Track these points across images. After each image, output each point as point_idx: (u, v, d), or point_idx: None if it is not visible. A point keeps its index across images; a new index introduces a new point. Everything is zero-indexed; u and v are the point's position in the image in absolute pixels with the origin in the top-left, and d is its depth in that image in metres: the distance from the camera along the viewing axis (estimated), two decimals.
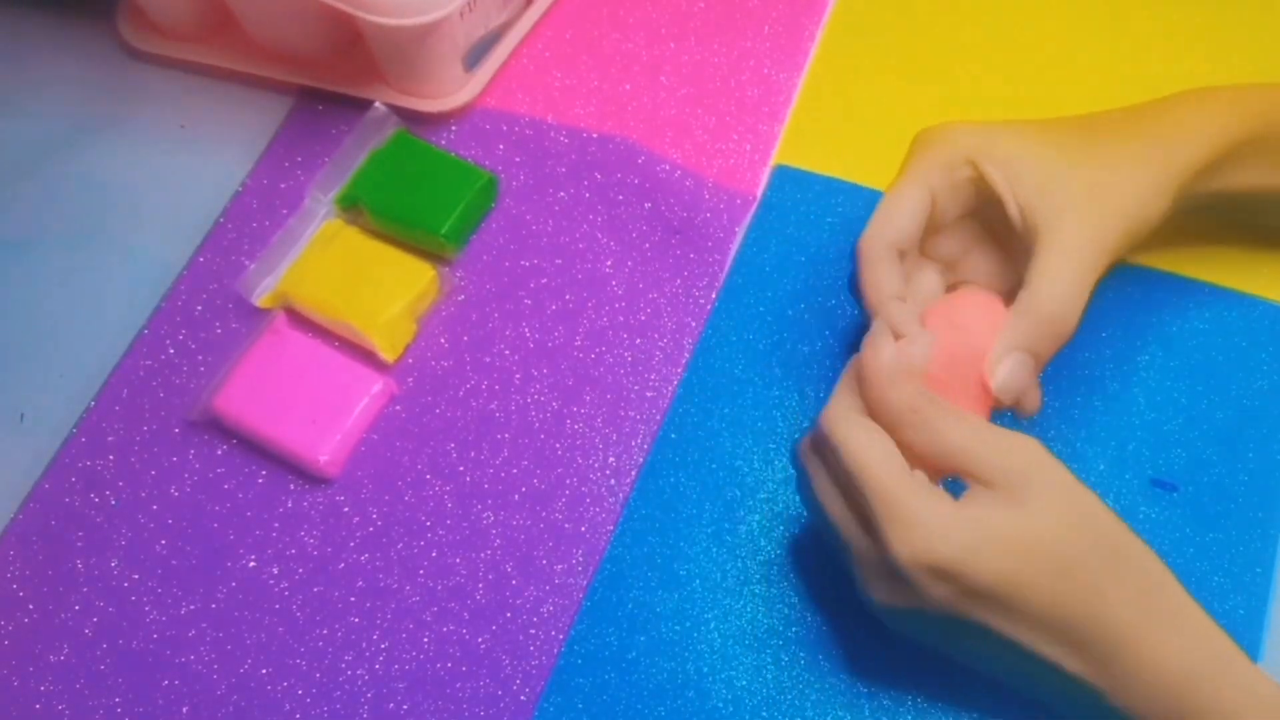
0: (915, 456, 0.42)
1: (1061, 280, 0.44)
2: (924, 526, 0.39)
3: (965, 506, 0.40)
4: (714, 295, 0.55)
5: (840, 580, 0.48)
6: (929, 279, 0.48)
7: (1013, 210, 0.46)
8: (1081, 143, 0.46)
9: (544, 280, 0.56)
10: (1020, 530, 0.39)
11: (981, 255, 0.49)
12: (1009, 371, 0.44)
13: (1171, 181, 0.46)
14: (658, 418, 0.53)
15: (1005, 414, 0.47)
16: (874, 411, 0.42)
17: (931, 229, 0.48)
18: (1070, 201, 0.45)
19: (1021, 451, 0.41)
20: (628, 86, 0.61)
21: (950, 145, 0.47)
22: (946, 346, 0.44)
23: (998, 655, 0.41)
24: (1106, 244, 0.45)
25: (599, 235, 0.57)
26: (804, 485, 0.45)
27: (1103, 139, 0.47)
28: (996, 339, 0.44)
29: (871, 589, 0.42)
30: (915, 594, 0.40)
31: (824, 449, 0.43)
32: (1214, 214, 0.50)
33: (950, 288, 0.49)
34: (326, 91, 0.61)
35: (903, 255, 0.47)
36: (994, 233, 0.49)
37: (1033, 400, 0.46)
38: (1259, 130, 0.47)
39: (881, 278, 0.46)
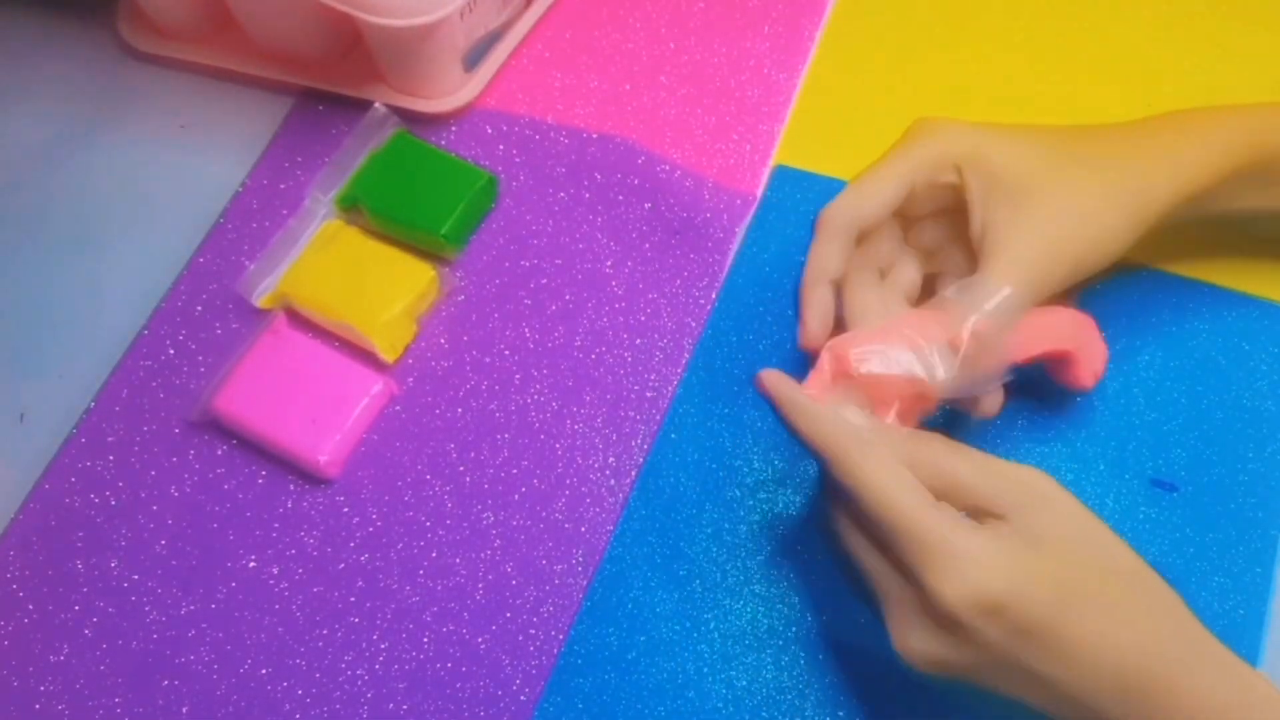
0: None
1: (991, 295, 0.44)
2: (970, 561, 0.37)
3: (1002, 536, 0.38)
4: (714, 295, 0.55)
5: (840, 580, 0.48)
6: (908, 269, 0.48)
7: (975, 228, 0.46)
8: (1066, 161, 0.46)
9: (544, 280, 0.56)
10: (1050, 560, 0.38)
11: (961, 249, 0.48)
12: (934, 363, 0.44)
13: (1146, 216, 0.46)
14: (658, 418, 0.53)
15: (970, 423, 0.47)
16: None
17: (908, 219, 0.48)
18: (1027, 231, 0.45)
19: (1029, 487, 0.40)
20: (628, 86, 0.61)
21: (942, 145, 0.47)
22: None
23: (1030, 697, 0.39)
24: (1045, 279, 0.45)
25: (599, 235, 0.57)
26: (830, 538, 0.43)
27: (1087, 161, 0.46)
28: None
29: (911, 639, 0.40)
30: (962, 638, 0.38)
31: (842, 496, 0.41)
32: (1209, 220, 0.50)
33: (928, 279, 0.49)
34: (326, 91, 0.61)
35: (860, 237, 0.47)
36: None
37: (990, 404, 0.46)
38: (1255, 156, 0.47)
39: (829, 256, 0.46)
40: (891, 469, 0.40)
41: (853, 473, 0.40)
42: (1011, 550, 0.38)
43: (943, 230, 0.49)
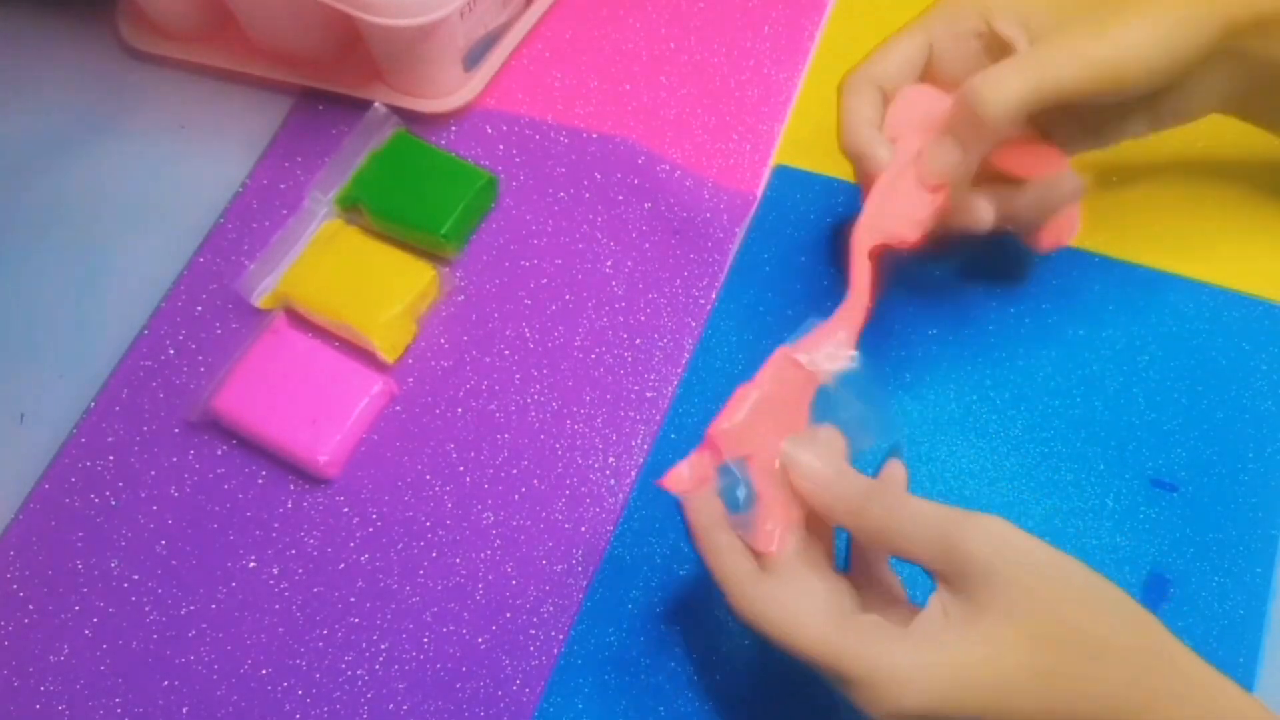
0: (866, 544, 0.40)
1: (1011, 70, 0.42)
2: (883, 684, 0.36)
3: (920, 643, 0.36)
4: (714, 295, 0.55)
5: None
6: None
7: (1021, 46, 0.44)
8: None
9: (544, 280, 0.56)
10: (985, 651, 0.36)
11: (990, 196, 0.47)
12: (936, 159, 0.43)
13: (1211, 21, 0.43)
14: (658, 418, 0.53)
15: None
16: (829, 503, 0.40)
17: (936, 82, 0.47)
18: (1074, 27, 0.43)
19: (977, 541, 0.37)
20: (628, 86, 0.61)
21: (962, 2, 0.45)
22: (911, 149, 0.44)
23: None
24: (1086, 73, 0.42)
25: (599, 235, 0.57)
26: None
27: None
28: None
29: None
30: None
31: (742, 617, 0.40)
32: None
33: None
34: (326, 91, 0.61)
35: (887, 96, 0.46)
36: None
37: (974, 213, 0.46)
38: None
39: (858, 107, 0.45)
40: (787, 599, 0.38)
41: (748, 610, 0.39)
42: (936, 658, 0.36)
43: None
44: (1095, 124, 0.49)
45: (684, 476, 0.42)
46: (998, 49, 0.45)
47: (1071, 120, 0.48)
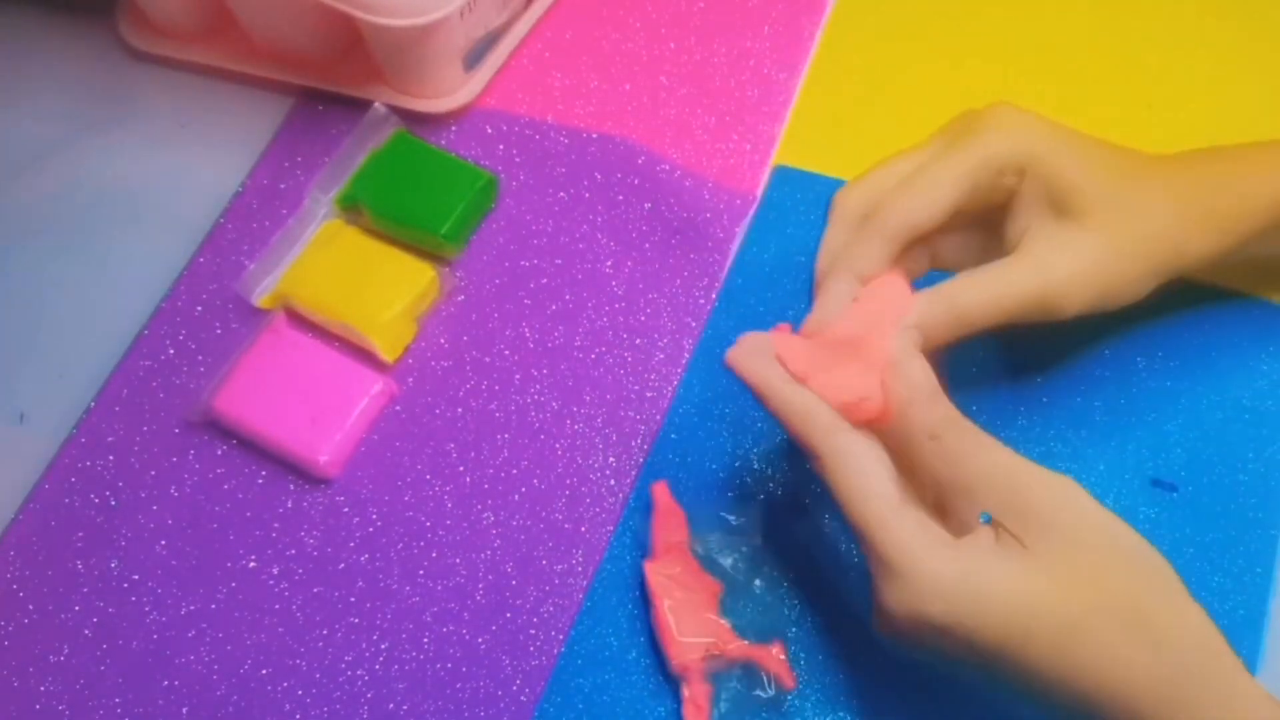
0: (927, 483, 0.40)
1: (988, 287, 0.43)
2: (915, 580, 0.37)
3: (963, 556, 0.37)
4: (714, 295, 0.55)
5: (840, 580, 0.48)
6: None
7: (1015, 231, 0.44)
8: (1138, 174, 0.44)
9: (544, 280, 0.56)
10: (1022, 585, 0.37)
11: (962, 237, 0.47)
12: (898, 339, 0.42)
13: (1225, 236, 0.45)
14: (658, 418, 0.53)
15: None
16: (893, 428, 0.40)
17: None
18: (1075, 242, 0.43)
19: (1048, 491, 0.38)
20: (628, 86, 0.61)
21: (1014, 143, 0.43)
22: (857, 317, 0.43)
23: (1015, 695, 0.39)
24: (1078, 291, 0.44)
25: (599, 235, 0.57)
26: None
27: (1159, 177, 0.45)
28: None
29: (876, 625, 0.40)
30: (911, 641, 0.38)
31: (814, 464, 0.40)
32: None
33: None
34: (326, 91, 0.61)
35: (909, 245, 0.44)
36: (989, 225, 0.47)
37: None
38: None
39: (866, 258, 0.44)
40: (856, 463, 0.39)
41: (819, 461, 0.39)
42: (972, 573, 0.37)
43: (960, 244, 0.48)
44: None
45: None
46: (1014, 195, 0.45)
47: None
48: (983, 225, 0.47)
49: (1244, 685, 0.37)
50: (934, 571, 0.37)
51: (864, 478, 0.39)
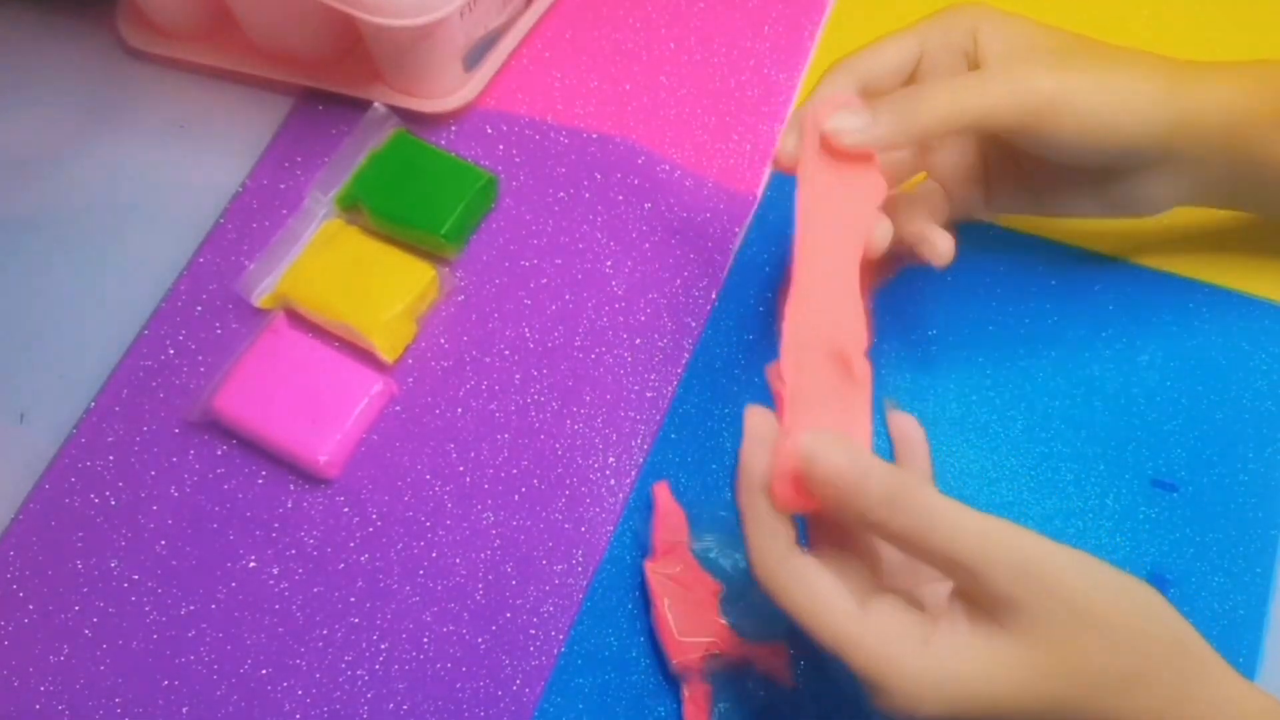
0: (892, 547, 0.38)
1: (957, 81, 0.43)
2: (899, 690, 0.35)
3: (940, 653, 0.36)
4: (714, 295, 0.55)
5: None
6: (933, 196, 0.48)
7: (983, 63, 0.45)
8: (1096, 47, 0.45)
9: (544, 280, 0.56)
10: (1004, 673, 0.35)
11: (979, 187, 0.49)
12: (844, 119, 0.42)
13: (1185, 111, 0.44)
14: (658, 418, 0.53)
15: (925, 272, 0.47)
16: (839, 512, 0.37)
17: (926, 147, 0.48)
18: (1037, 56, 0.44)
19: (1010, 567, 0.35)
20: (628, 86, 0.61)
21: (963, 10, 0.46)
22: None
23: None
24: (1033, 93, 0.43)
25: (599, 235, 0.57)
26: None
27: (1120, 52, 0.46)
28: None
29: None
30: None
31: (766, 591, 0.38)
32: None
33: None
34: (326, 91, 0.61)
35: (865, 92, 0.45)
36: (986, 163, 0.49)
37: (935, 246, 0.46)
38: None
39: (835, 89, 0.45)
40: (810, 585, 0.37)
41: (778, 599, 0.38)
42: (953, 667, 0.35)
43: (963, 162, 0.49)
44: (1037, 186, 0.49)
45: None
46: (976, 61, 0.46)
47: (1010, 171, 0.49)
48: (979, 155, 0.49)
49: (1244, 700, 0.36)
50: (914, 679, 0.36)
51: (816, 598, 0.37)
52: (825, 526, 0.40)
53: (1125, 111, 0.44)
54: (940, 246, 0.47)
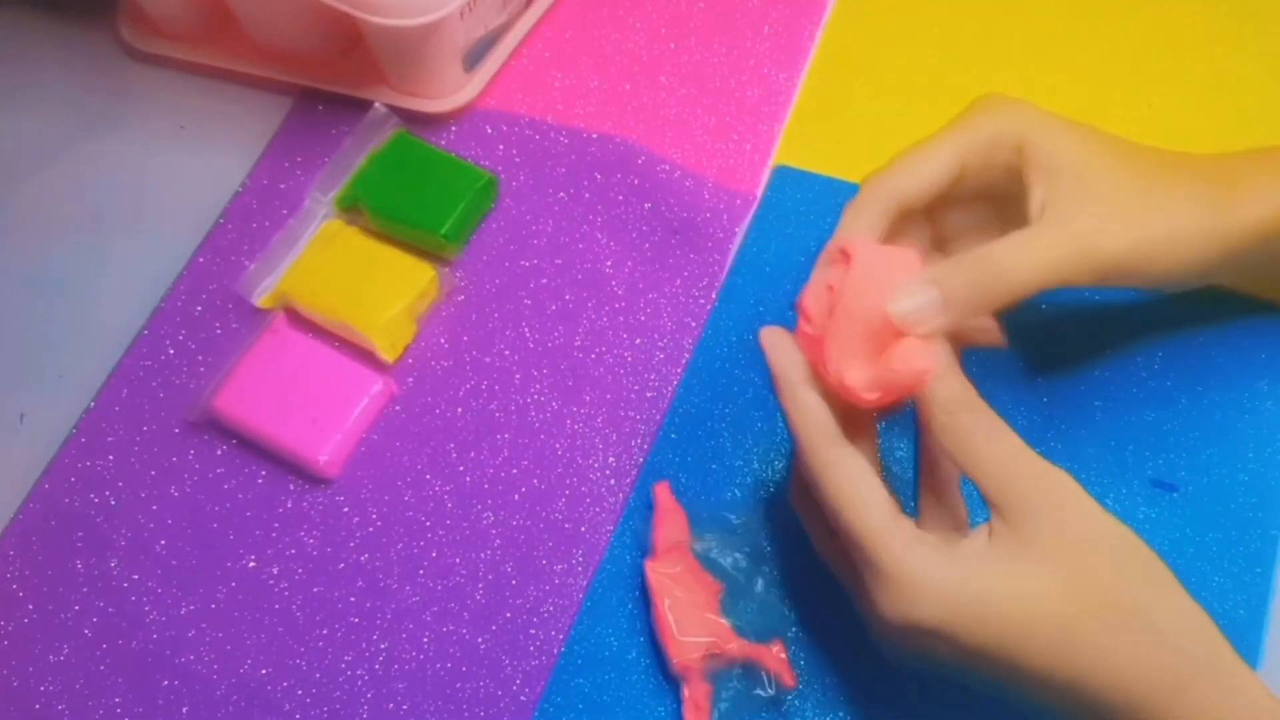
0: (930, 458, 0.40)
1: (1024, 249, 0.41)
2: (908, 585, 0.37)
3: (958, 561, 0.37)
4: (714, 295, 0.55)
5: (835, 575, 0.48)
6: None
7: (1034, 205, 0.43)
8: (1145, 168, 0.43)
9: (544, 280, 0.56)
10: (1017, 587, 0.37)
11: (969, 216, 0.47)
12: (911, 297, 0.40)
13: (1230, 241, 0.43)
14: (658, 418, 0.53)
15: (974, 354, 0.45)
16: (930, 395, 0.39)
17: (944, 201, 0.45)
18: (1096, 207, 0.42)
19: (1045, 485, 0.38)
20: (628, 86, 0.61)
21: (1005, 122, 0.43)
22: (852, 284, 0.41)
23: (1014, 697, 0.39)
24: (1103, 257, 0.42)
25: (599, 235, 0.57)
26: (803, 519, 0.44)
27: (1169, 174, 0.44)
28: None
29: (873, 633, 0.40)
30: (907, 647, 0.39)
31: (808, 482, 0.40)
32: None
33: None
34: (326, 91, 0.61)
35: (899, 216, 0.44)
36: (1001, 217, 0.46)
37: (991, 333, 0.44)
38: None
39: (857, 225, 0.43)
40: (854, 474, 0.39)
41: (818, 470, 0.39)
42: (965, 577, 0.37)
43: (967, 219, 0.47)
44: None
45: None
46: (1017, 175, 0.43)
47: None
48: (991, 208, 0.47)
49: (1243, 676, 0.37)
50: (929, 577, 0.37)
51: (859, 488, 0.39)
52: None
53: (1176, 259, 0.44)
54: (997, 329, 0.46)
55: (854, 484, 0.39)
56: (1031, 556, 0.37)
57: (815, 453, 0.40)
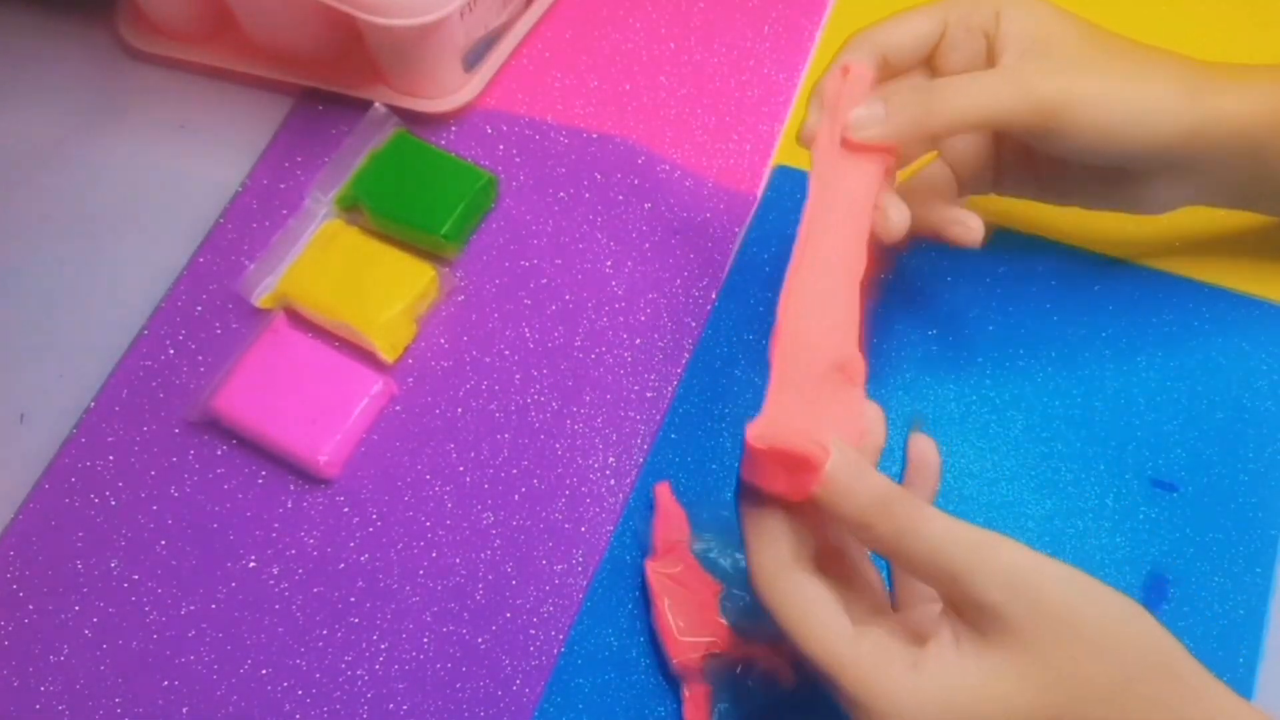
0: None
1: (967, 80, 0.43)
2: (879, 714, 0.35)
3: (927, 675, 0.35)
4: (714, 295, 0.55)
5: None
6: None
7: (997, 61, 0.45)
8: (1121, 44, 0.45)
9: (544, 280, 0.56)
10: (991, 692, 0.35)
11: (991, 171, 0.49)
12: (864, 107, 0.43)
13: (1203, 117, 0.44)
14: (658, 418, 0.53)
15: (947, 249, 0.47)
16: (835, 513, 0.37)
17: (932, 69, 0.47)
18: (1048, 63, 0.44)
19: (994, 576, 0.35)
20: (628, 86, 0.61)
21: None
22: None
23: None
24: (1039, 93, 0.43)
25: (599, 235, 0.57)
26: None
27: (1146, 57, 0.45)
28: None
29: None
30: None
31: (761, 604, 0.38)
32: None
33: None
34: (326, 91, 0.61)
35: (883, 66, 0.45)
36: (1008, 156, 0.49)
37: (970, 231, 0.46)
38: None
39: (849, 60, 0.44)
40: (806, 602, 0.37)
41: (769, 594, 0.37)
42: (937, 690, 0.35)
43: (975, 149, 0.49)
44: (1046, 176, 0.49)
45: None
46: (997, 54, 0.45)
47: (1021, 160, 0.49)
48: (992, 142, 0.49)
49: (1221, 693, 0.36)
50: (901, 702, 0.35)
51: (811, 613, 0.37)
52: (827, 556, 0.40)
53: (1139, 120, 0.44)
54: (974, 226, 0.47)
55: (801, 611, 0.37)
56: (999, 654, 0.35)
57: (767, 579, 0.37)
